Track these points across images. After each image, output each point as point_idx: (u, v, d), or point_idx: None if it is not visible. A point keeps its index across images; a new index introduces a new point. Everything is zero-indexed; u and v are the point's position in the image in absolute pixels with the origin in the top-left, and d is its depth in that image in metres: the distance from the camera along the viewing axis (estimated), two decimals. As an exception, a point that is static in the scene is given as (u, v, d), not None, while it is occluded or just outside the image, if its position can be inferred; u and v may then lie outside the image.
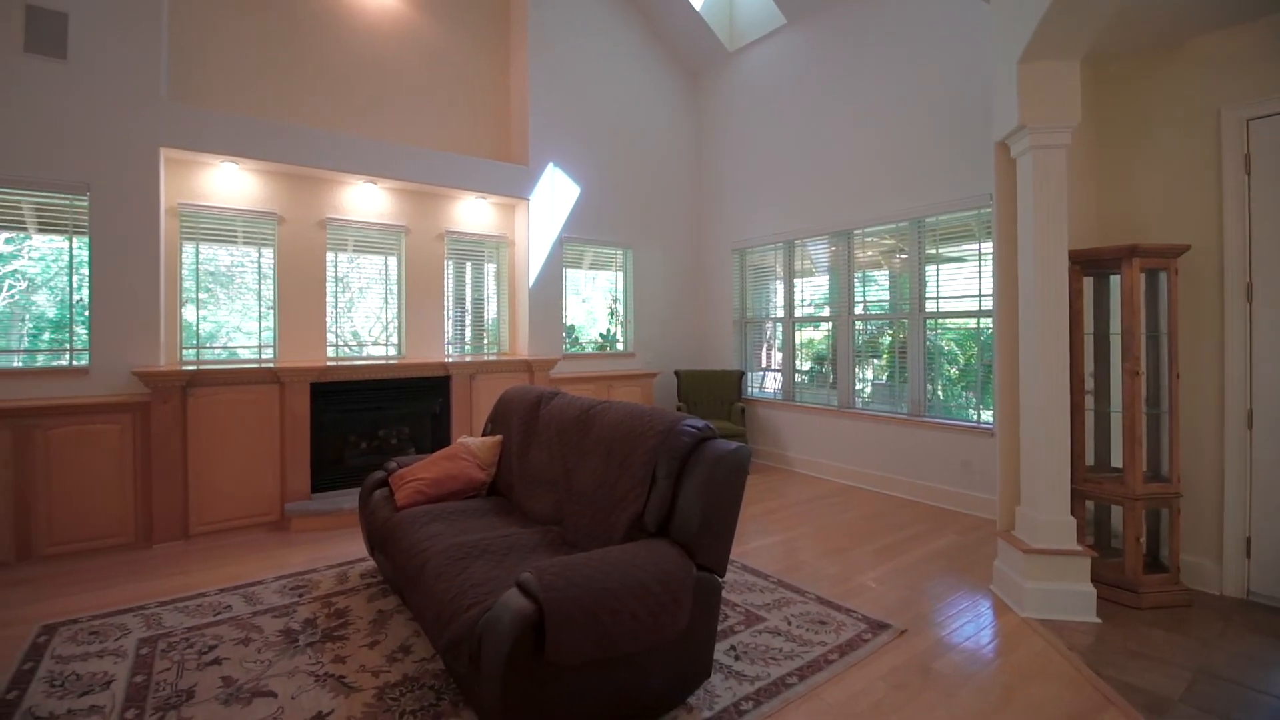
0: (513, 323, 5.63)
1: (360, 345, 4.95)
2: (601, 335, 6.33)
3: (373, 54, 4.97)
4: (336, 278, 4.77)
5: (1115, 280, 3.00)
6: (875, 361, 5.20)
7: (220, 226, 4.33)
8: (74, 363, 3.74)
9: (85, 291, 3.73)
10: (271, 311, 4.50)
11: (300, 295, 4.57)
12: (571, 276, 5.95)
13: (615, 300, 6.35)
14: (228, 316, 4.45)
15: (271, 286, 4.50)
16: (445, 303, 5.25)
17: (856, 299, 5.20)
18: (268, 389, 3.98)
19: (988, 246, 4.22)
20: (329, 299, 4.70)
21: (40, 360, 3.79)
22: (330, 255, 4.71)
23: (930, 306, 4.64)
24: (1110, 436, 3.11)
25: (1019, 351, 3.01)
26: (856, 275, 5.20)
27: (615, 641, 1.82)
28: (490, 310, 5.62)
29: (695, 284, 6.71)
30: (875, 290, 5.17)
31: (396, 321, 5.06)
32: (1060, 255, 2.81)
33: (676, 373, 6.00)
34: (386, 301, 5.03)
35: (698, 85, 6.70)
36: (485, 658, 1.75)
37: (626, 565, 1.96)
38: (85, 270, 3.75)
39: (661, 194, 6.44)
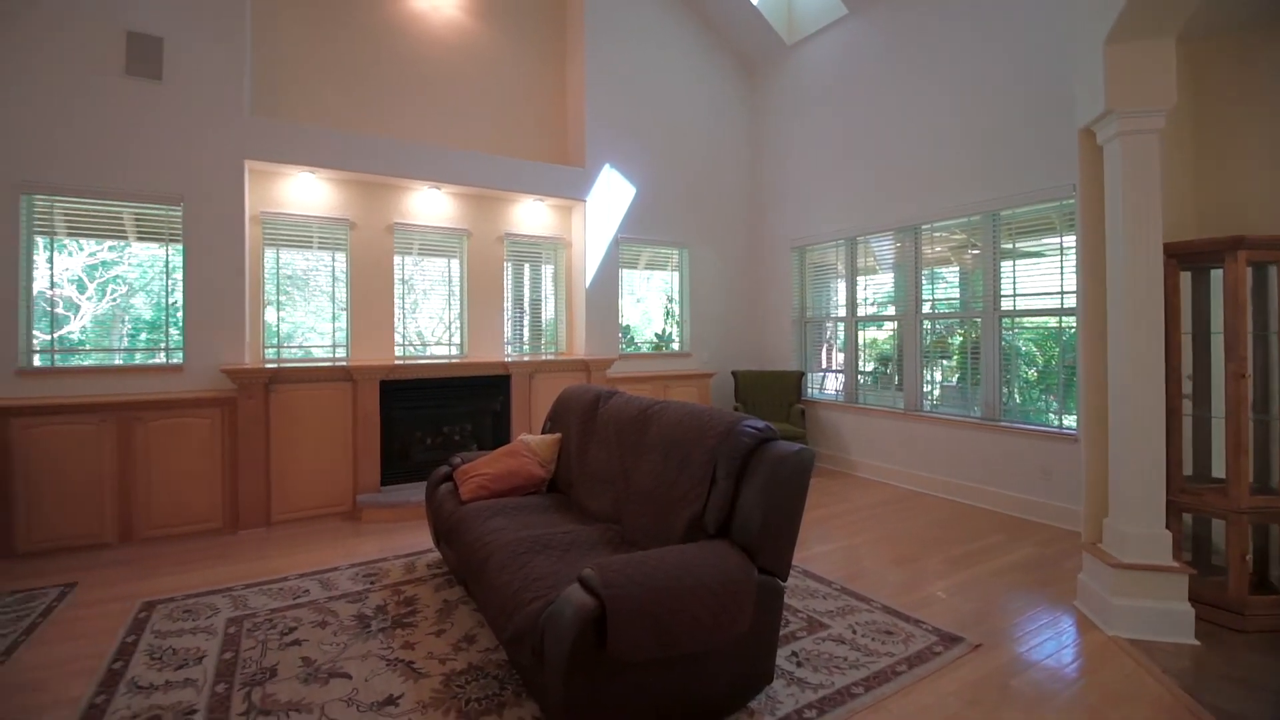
0: (569, 323, 5.70)
1: (424, 345, 5.13)
2: (657, 335, 6.33)
3: (436, 64, 5.15)
4: (403, 280, 4.97)
5: (1216, 275, 2.76)
6: (944, 362, 4.98)
7: (297, 233, 4.58)
8: (169, 360, 4.06)
9: (179, 295, 4.03)
10: (344, 312, 4.73)
11: (370, 297, 4.79)
12: (627, 277, 5.98)
13: (671, 300, 6.34)
14: (303, 317, 4.71)
15: (344, 289, 4.73)
16: (505, 304, 5.38)
17: (924, 297, 5.00)
18: (341, 386, 4.19)
19: (1070, 240, 3.97)
20: (396, 300, 4.90)
21: (138, 358, 4.12)
22: (397, 259, 4.91)
23: (1006, 304, 4.40)
24: (1211, 444, 2.86)
25: (1107, 352, 2.81)
26: (924, 272, 4.99)
27: (676, 640, 1.81)
28: (547, 310, 5.72)
29: (752, 283, 6.62)
30: (944, 288, 4.95)
31: (459, 322, 5.22)
32: (1154, 249, 2.60)
33: (734, 373, 5.94)
34: (449, 303, 5.20)
35: (754, 81, 6.61)
36: (548, 651, 1.77)
37: (687, 565, 1.94)
38: (179, 275, 4.05)
39: (717, 193, 6.39)
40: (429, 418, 4.56)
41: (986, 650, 2.46)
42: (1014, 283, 4.36)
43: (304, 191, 4.58)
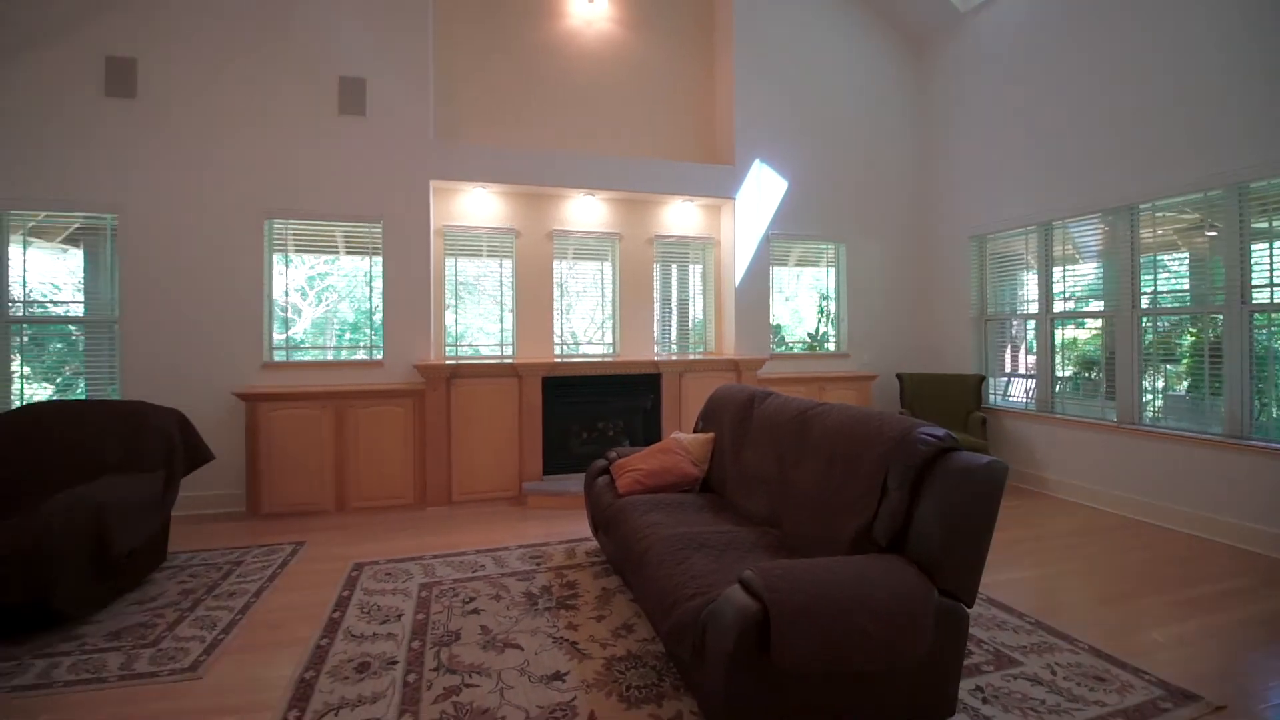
0: (718, 322, 5.67)
1: (577, 344, 5.41)
2: (809, 335, 6.07)
3: (590, 76, 5.40)
4: (560, 283, 5.27)
5: None
6: (1169, 367, 4.18)
7: (471, 243, 5.07)
8: (371, 356, 4.70)
9: (377, 300, 4.64)
10: (510, 314, 5.14)
11: (532, 299, 5.15)
12: (777, 274, 5.80)
13: (825, 298, 6.05)
14: (472, 319, 5.18)
15: (509, 292, 5.14)
16: (654, 304, 5.48)
17: (1142, 289, 4.23)
18: (509, 381, 4.55)
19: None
20: (555, 302, 5.22)
21: (344, 354, 4.81)
22: (556, 263, 5.22)
23: (1260, 297, 3.58)
24: None
25: None
26: (1142, 259, 4.23)
27: (844, 655, 1.69)
28: (695, 310, 5.73)
29: (921, 277, 6.08)
30: (1169, 278, 4.16)
31: (611, 322, 5.43)
32: None
33: (899, 375, 5.49)
34: (602, 303, 5.42)
35: (921, 56, 6.07)
36: (709, 648, 1.75)
37: (856, 577, 1.82)
38: (378, 283, 4.67)
39: (879, 182, 5.96)
40: (585, 413, 4.80)
41: (1232, 715, 2.01)
42: (1270, 270, 3.53)
43: (477, 205, 5.05)
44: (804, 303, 6.12)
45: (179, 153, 4.28)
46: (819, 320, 6.08)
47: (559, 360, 4.87)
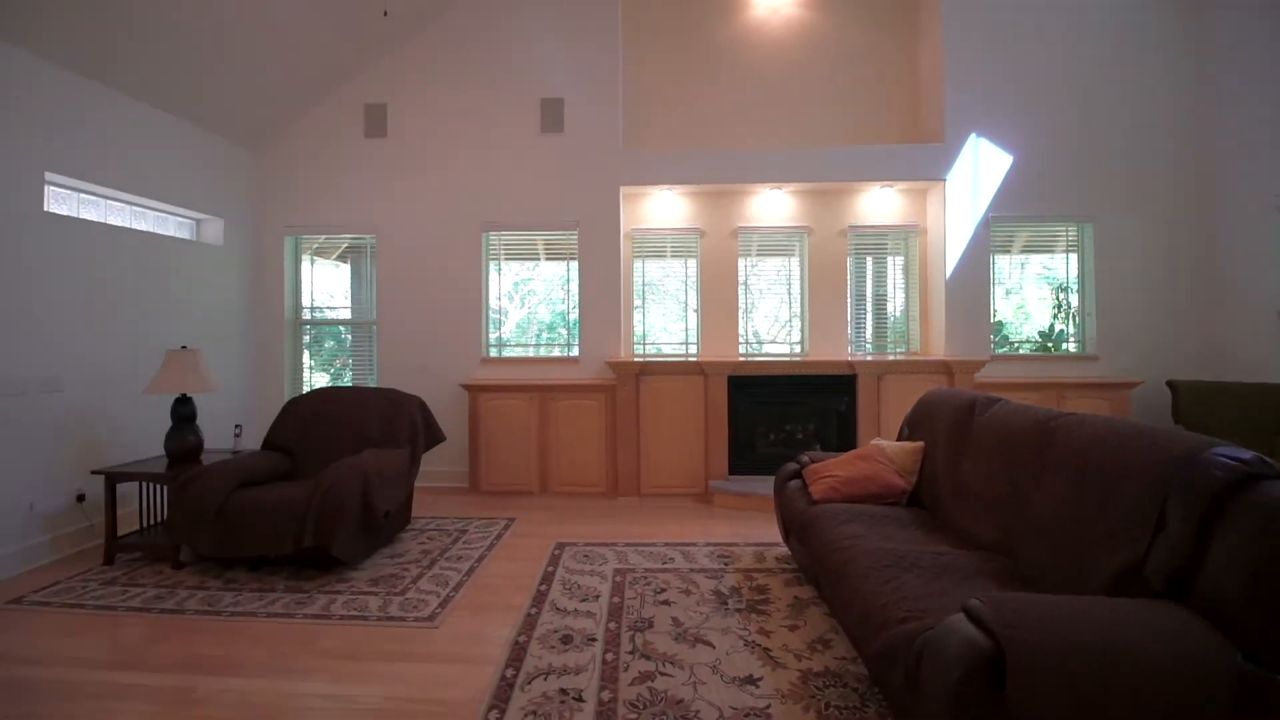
0: (924, 319, 5.13)
1: (760, 343, 5.28)
2: (1040, 333, 5.22)
3: (776, 65, 5.24)
4: (744, 281, 5.19)
5: None
6: None
7: (656, 244, 5.23)
8: (569, 354, 5.08)
9: (572, 301, 5.00)
10: (694, 313, 5.19)
11: (715, 298, 5.15)
12: (998, 263, 5.07)
13: (1062, 289, 5.15)
14: (655, 319, 5.33)
15: (694, 292, 5.19)
16: (847, 300, 5.14)
17: None
18: (694, 379, 4.60)
19: None
20: (740, 300, 5.16)
21: (542, 351, 5.25)
22: (740, 261, 5.16)
23: None
24: None
25: None
26: None
27: (1104, 718, 1.40)
28: (895, 306, 5.26)
29: (1200, 263, 4.83)
30: None
31: (799, 319, 5.21)
32: None
33: (1170, 384, 4.41)
34: (789, 300, 5.23)
35: (1201, -10, 4.86)
36: (927, 680, 1.57)
37: (1121, 623, 1.49)
38: (571, 286, 5.03)
39: (1138, 146, 4.89)
40: (772, 414, 4.67)
41: None
42: None
43: (662, 207, 5.19)
44: (1031, 295, 5.28)
45: (418, 179, 5.06)
46: (1054, 316, 5.20)
47: (744, 359, 4.80)
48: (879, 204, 5.16)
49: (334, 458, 3.64)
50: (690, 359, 4.91)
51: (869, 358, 4.90)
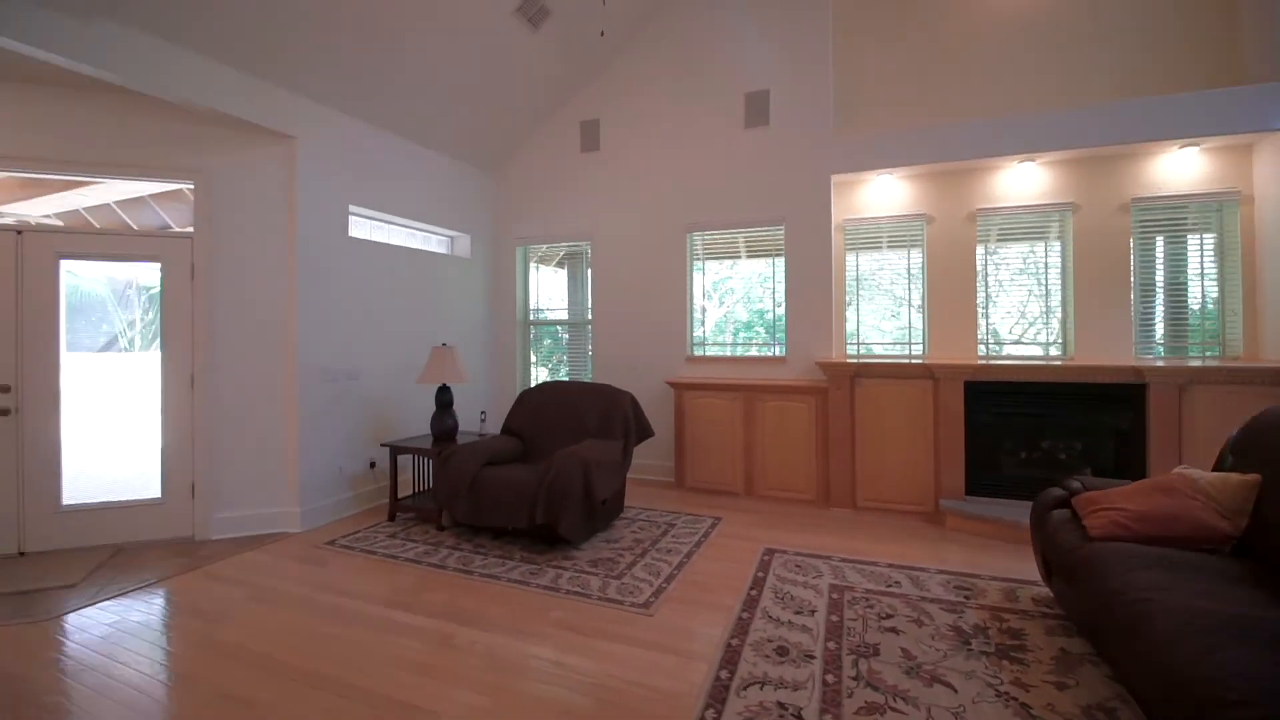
0: (1249, 313, 3.94)
1: (999, 344, 4.52)
2: None
3: (1017, 16, 4.43)
4: (983, 272, 4.50)
5: None
6: None
7: (870, 235, 4.79)
8: (770, 353, 4.91)
9: (773, 299, 4.79)
10: (913, 309, 4.65)
11: (946, 292, 4.55)
12: (1377, 237, 3.69)
13: None
14: (866, 316, 4.86)
15: (918, 286, 4.65)
16: (1130, 291, 4.17)
17: None
18: (921, 384, 4.11)
19: None
20: (979, 295, 4.49)
21: (739, 350, 5.12)
22: (979, 249, 4.49)
23: None
24: None
25: None
26: None
27: None
28: (1199, 296, 4.13)
29: None
30: None
31: (1060, 315, 4.37)
32: None
33: None
34: (1046, 293, 4.40)
35: None
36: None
37: None
38: (772, 284, 4.86)
39: None
40: (1023, 428, 3.95)
41: None
42: None
43: (879, 195, 4.74)
44: None
45: (628, 187, 5.30)
46: None
47: (986, 362, 4.13)
48: (1176, 168, 4.10)
49: (558, 444, 3.98)
50: (914, 360, 4.41)
51: (1163, 363, 3.91)
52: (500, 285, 5.89)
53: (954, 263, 4.55)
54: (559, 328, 5.93)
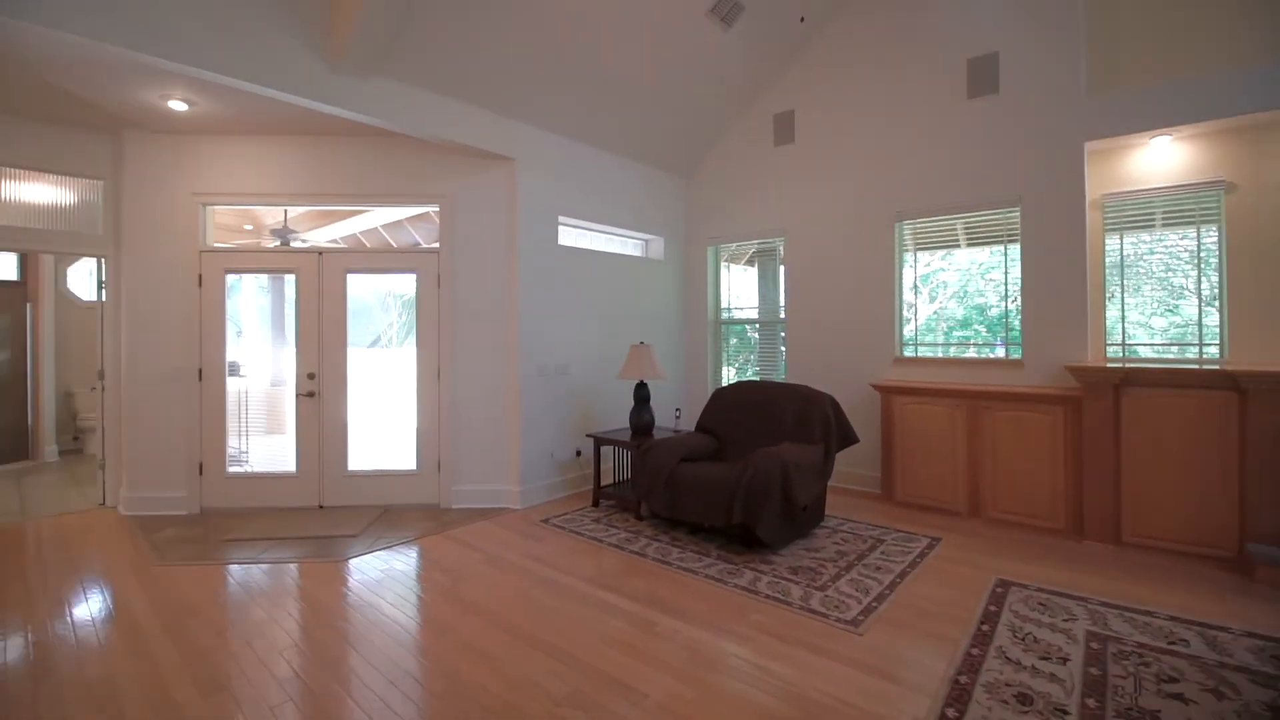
0: None
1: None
2: None
3: None
4: (1323, 251, 3.41)
5: None
6: None
7: (1140, 211, 3.90)
8: (997, 354, 4.27)
9: (1015, 290, 4.13)
10: (1209, 302, 3.68)
11: (1256, 279, 3.54)
12: None
13: None
14: (1134, 311, 3.96)
15: (1211, 272, 3.67)
16: None
17: None
18: (1218, 395, 3.24)
19: None
20: (1313, 281, 3.42)
21: (952, 351, 4.50)
22: (1313, 221, 3.41)
23: None
24: None
25: None
26: None
27: None
28: None
29: None
30: None
31: None
32: None
33: None
34: None
35: None
36: None
37: None
38: (1002, 274, 4.19)
39: None
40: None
41: None
42: None
43: (1152, 161, 3.84)
44: None
45: (825, 177, 5.00)
46: None
47: (1322, 369, 3.13)
48: None
49: (752, 445, 3.91)
50: (1208, 365, 3.51)
51: None
52: (692, 285, 5.99)
53: (1267, 242, 3.53)
54: (747, 327, 5.84)
